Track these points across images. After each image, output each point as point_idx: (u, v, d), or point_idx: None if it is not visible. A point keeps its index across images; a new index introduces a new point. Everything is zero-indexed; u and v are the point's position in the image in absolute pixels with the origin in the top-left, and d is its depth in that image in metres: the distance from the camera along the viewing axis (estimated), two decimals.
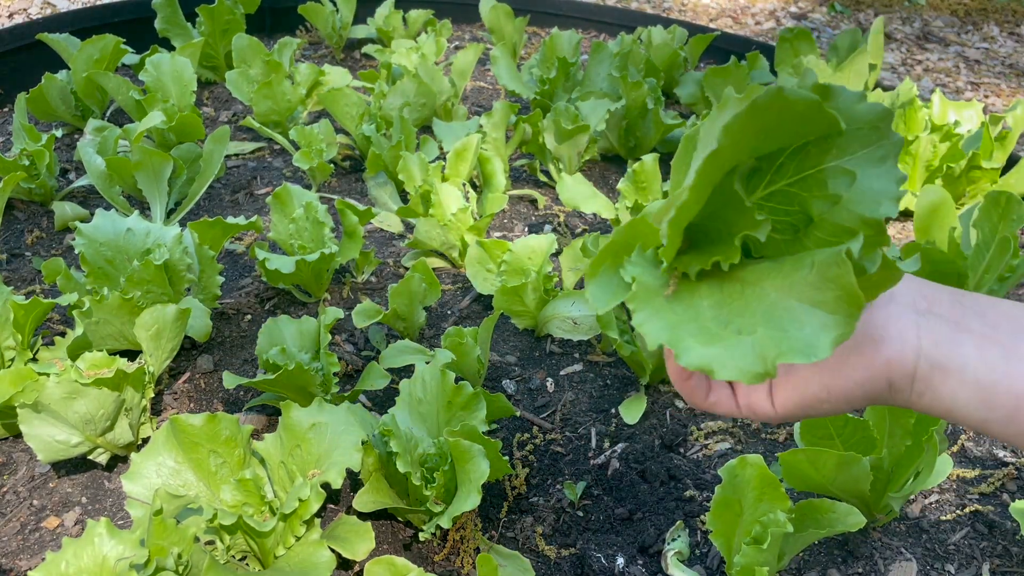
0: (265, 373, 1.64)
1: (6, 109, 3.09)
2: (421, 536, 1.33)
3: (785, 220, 0.57)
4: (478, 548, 1.46)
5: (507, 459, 1.53)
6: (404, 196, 2.57)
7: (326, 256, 1.96)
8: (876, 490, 1.40)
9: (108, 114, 3.02)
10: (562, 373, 1.92)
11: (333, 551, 1.32)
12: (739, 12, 5.07)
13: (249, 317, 2.06)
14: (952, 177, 2.45)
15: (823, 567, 1.44)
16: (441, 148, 2.69)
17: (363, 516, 1.45)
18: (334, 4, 3.68)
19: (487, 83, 3.63)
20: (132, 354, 1.75)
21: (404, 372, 1.86)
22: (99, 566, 1.17)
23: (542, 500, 1.58)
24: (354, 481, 1.56)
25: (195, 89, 2.72)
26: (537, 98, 2.94)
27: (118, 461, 1.63)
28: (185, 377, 1.85)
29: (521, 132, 2.67)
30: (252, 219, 1.94)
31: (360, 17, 3.81)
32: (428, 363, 1.58)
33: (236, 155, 2.85)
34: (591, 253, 1.88)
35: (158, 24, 3.22)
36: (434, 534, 1.47)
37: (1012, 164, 2.64)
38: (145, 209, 2.47)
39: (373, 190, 2.56)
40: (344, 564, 1.41)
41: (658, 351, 1.68)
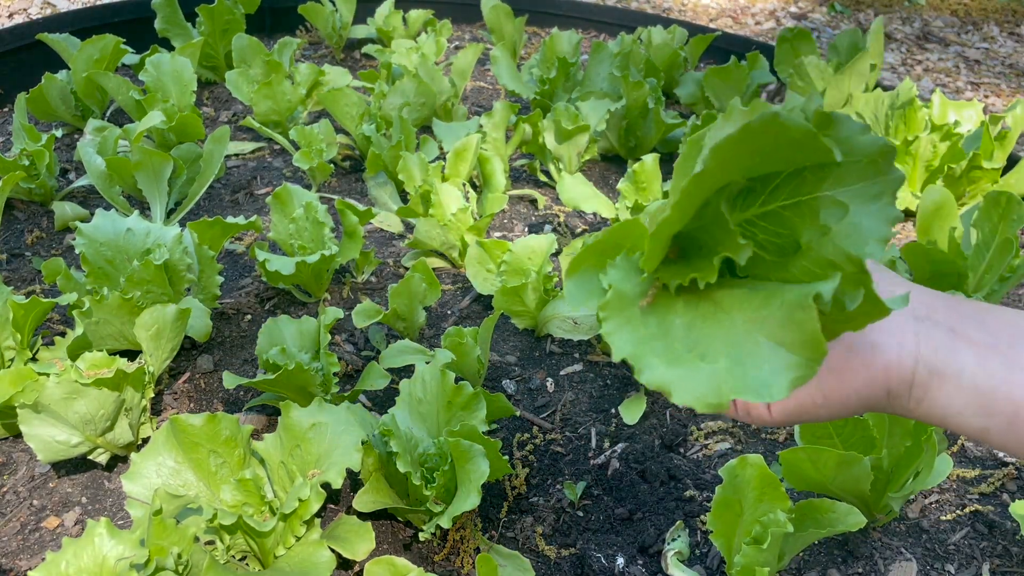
0: (265, 373, 1.64)
1: (6, 109, 3.09)
2: (421, 536, 1.33)
3: (775, 241, 0.56)
4: (478, 548, 1.46)
5: (507, 459, 1.53)
6: (404, 196, 2.57)
7: (326, 256, 1.96)
8: (876, 490, 1.40)
9: (108, 114, 3.02)
10: (562, 373, 1.91)
11: (333, 551, 1.32)
12: (739, 12, 5.06)
13: (249, 317, 2.06)
14: (952, 177, 2.45)
15: (823, 567, 1.44)
16: (441, 148, 2.69)
17: (363, 516, 1.45)
18: (334, 4, 3.67)
19: (487, 83, 3.63)
20: (132, 354, 1.75)
21: (404, 372, 1.86)
22: (99, 566, 1.17)
23: (542, 500, 1.58)
24: (354, 481, 1.56)
25: (195, 89, 2.72)
26: (537, 98, 2.94)
27: (118, 461, 1.63)
28: (185, 377, 1.85)
29: (521, 132, 2.67)
30: (252, 219, 1.94)
31: (360, 17, 3.81)
32: (428, 363, 1.58)
33: (236, 155, 2.85)
34: None
35: (158, 24, 3.22)
36: (434, 534, 1.47)
37: (1012, 164, 2.64)
38: (145, 209, 2.47)
39: (373, 190, 2.56)
40: (344, 564, 1.41)
41: None
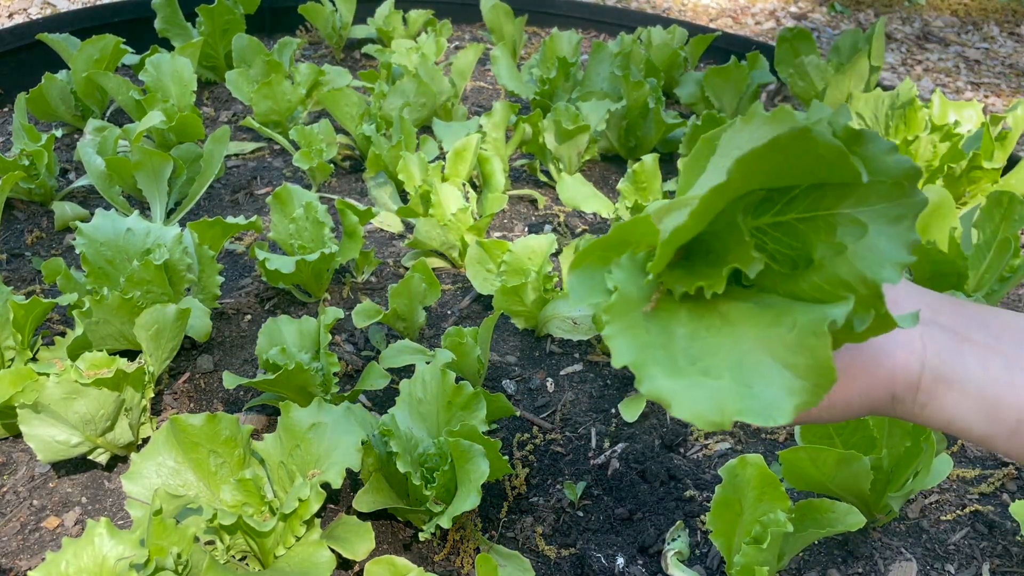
0: (265, 373, 1.64)
1: (6, 109, 3.09)
2: (421, 536, 1.33)
3: (787, 253, 0.55)
4: (478, 548, 1.46)
5: (507, 459, 1.53)
6: (404, 196, 2.57)
7: (326, 256, 1.96)
8: (876, 490, 1.40)
9: (108, 114, 3.02)
10: (562, 373, 1.91)
11: (333, 551, 1.32)
12: (739, 12, 5.06)
13: (249, 317, 2.06)
14: (952, 177, 2.45)
15: (823, 567, 1.44)
16: (441, 148, 2.69)
17: (363, 516, 1.45)
18: (334, 4, 3.67)
19: (487, 83, 3.63)
20: (132, 354, 1.75)
21: (404, 372, 1.86)
22: (99, 566, 1.17)
23: (542, 500, 1.58)
24: (354, 481, 1.56)
25: (195, 89, 2.72)
26: (537, 98, 2.94)
27: (118, 461, 1.63)
28: (185, 377, 1.85)
29: (521, 132, 2.67)
30: (252, 219, 1.94)
31: (360, 17, 3.81)
32: (428, 363, 1.58)
33: (236, 155, 2.85)
34: None
35: (158, 24, 3.22)
36: (434, 534, 1.47)
37: (1012, 164, 2.64)
38: (145, 209, 2.47)
39: (373, 190, 2.56)
40: (344, 564, 1.41)
41: None
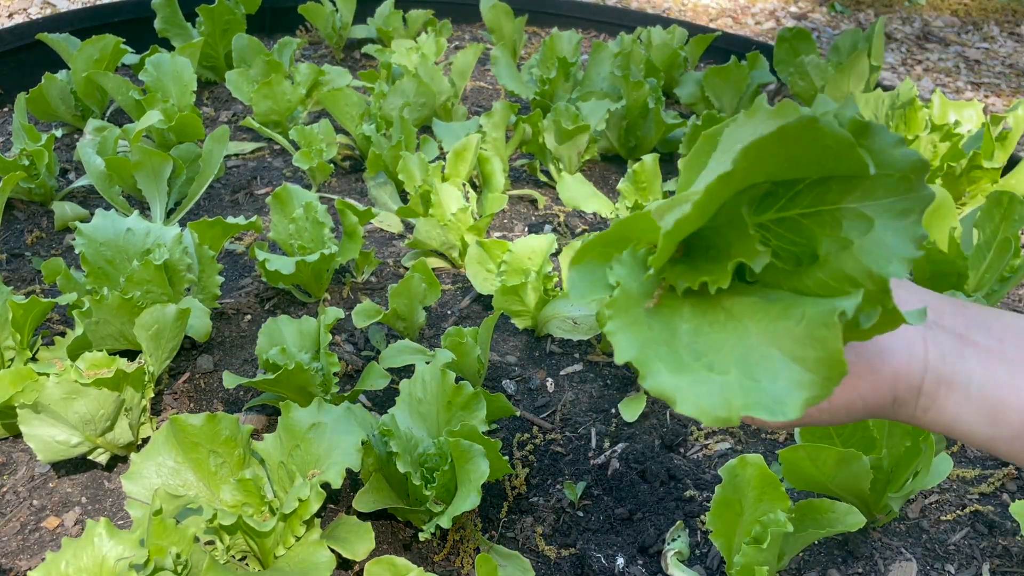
0: (265, 373, 1.64)
1: (6, 109, 3.09)
2: (421, 536, 1.33)
3: (790, 249, 0.54)
4: (478, 548, 1.46)
5: (507, 459, 1.53)
6: (404, 196, 2.57)
7: (326, 256, 1.96)
8: (876, 490, 1.40)
9: (108, 114, 3.02)
10: (562, 373, 1.91)
11: (333, 551, 1.32)
12: (739, 12, 5.06)
13: (249, 317, 2.06)
14: (952, 177, 2.45)
15: (823, 567, 1.44)
16: (441, 148, 2.69)
17: (363, 516, 1.45)
18: (334, 4, 3.67)
19: (487, 83, 3.63)
20: (132, 354, 1.75)
21: (404, 372, 1.86)
22: (99, 566, 1.17)
23: (542, 500, 1.58)
24: (354, 481, 1.56)
25: (195, 89, 2.72)
26: (537, 98, 2.94)
27: (118, 461, 1.63)
28: (185, 377, 1.85)
29: (521, 132, 2.67)
30: (252, 219, 1.94)
31: (360, 17, 3.80)
32: (428, 363, 1.58)
33: (236, 155, 2.85)
34: None
35: (158, 24, 3.22)
36: (434, 534, 1.47)
37: (1013, 164, 2.64)
38: (145, 209, 2.47)
39: (373, 190, 2.55)
40: (344, 564, 1.41)
41: None
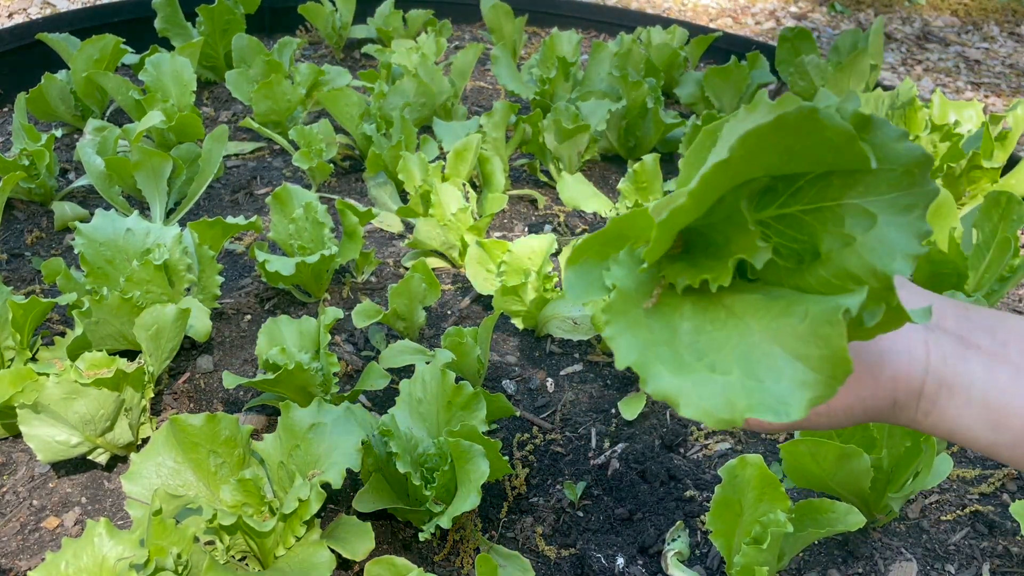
0: (265, 373, 1.64)
1: (6, 109, 3.09)
2: (421, 536, 1.33)
3: (792, 247, 0.53)
4: (478, 548, 1.46)
5: (507, 459, 1.53)
6: (404, 196, 2.57)
7: (326, 257, 1.96)
8: (876, 490, 1.40)
9: (108, 114, 3.02)
10: (562, 373, 1.91)
11: (333, 551, 1.32)
12: (739, 12, 5.06)
13: (249, 317, 2.05)
14: (952, 177, 2.45)
15: (823, 567, 1.44)
16: (441, 148, 2.69)
17: (363, 516, 1.45)
18: (334, 4, 3.67)
19: (487, 83, 3.63)
20: (132, 354, 1.75)
21: (404, 372, 1.86)
22: (99, 566, 1.17)
23: (542, 500, 1.58)
24: (354, 481, 1.56)
25: (195, 89, 2.72)
26: (537, 98, 2.94)
27: (118, 461, 1.63)
28: (185, 377, 1.85)
29: (521, 132, 2.67)
30: (252, 219, 1.94)
31: (360, 17, 3.81)
32: (428, 363, 1.58)
33: (236, 155, 2.85)
34: None
35: (158, 24, 3.22)
36: (434, 534, 1.47)
37: (1012, 164, 2.64)
38: (145, 209, 2.47)
39: (373, 190, 2.55)
40: (344, 564, 1.41)
41: None
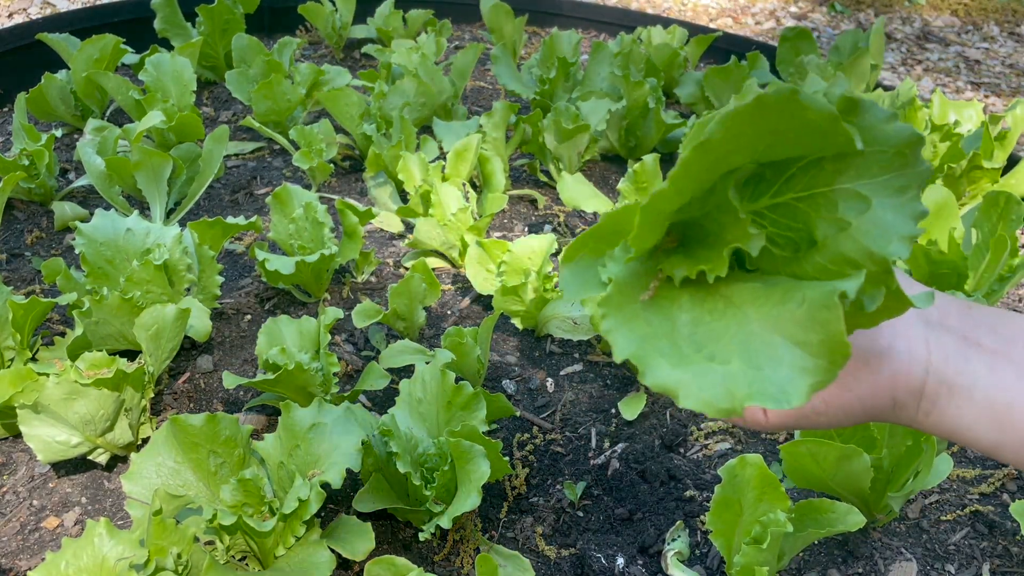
0: (265, 373, 1.64)
1: (6, 109, 3.09)
2: (421, 536, 1.33)
3: (787, 235, 0.53)
4: (478, 548, 1.46)
5: (507, 459, 1.53)
6: (404, 196, 2.57)
7: (326, 257, 1.96)
8: (876, 490, 1.40)
9: (108, 114, 3.02)
10: (562, 373, 1.91)
11: (333, 551, 1.32)
12: (739, 12, 5.06)
13: (249, 317, 2.06)
14: (952, 177, 2.45)
15: (823, 567, 1.44)
16: (441, 148, 2.69)
17: (363, 516, 1.45)
18: (334, 4, 3.67)
19: (487, 83, 3.63)
20: (132, 354, 1.75)
21: (404, 372, 1.86)
22: (99, 566, 1.17)
23: (542, 500, 1.58)
24: (354, 481, 1.56)
25: (195, 89, 2.71)
26: (537, 98, 2.94)
27: (118, 461, 1.63)
28: (185, 377, 1.85)
29: (521, 132, 2.67)
30: (252, 219, 1.94)
31: (360, 17, 3.80)
32: (428, 363, 1.58)
33: (236, 155, 2.85)
34: None
35: (157, 24, 3.22)
36: (434, 534, 1.47)
37: (1012, 164, 2.64)
38: (145, 209, 2.47)
39: (373, 190, 2.55)
40: (344, 564, 1.41)
41: None
